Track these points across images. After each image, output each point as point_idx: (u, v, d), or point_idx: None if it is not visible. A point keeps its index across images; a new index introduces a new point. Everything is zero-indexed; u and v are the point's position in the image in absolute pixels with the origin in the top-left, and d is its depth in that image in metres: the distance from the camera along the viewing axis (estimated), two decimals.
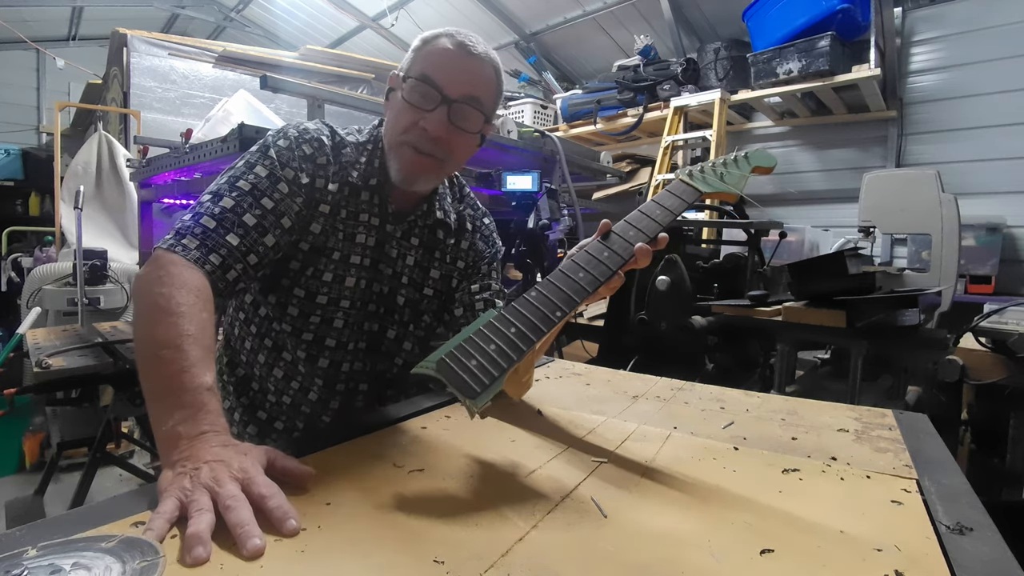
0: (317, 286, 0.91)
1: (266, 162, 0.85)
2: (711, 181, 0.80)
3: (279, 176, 0.84)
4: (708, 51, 3.83)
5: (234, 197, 0.81)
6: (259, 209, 0.82)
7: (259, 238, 0.81)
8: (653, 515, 0.56)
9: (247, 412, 1.00)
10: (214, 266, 0.76)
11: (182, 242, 0.76)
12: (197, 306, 0.68)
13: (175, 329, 0.64)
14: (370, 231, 0.94)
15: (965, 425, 1.78)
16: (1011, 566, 0.48)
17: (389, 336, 0.99)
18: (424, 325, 1.03)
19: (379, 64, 4.62)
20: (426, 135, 0.86)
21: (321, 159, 0.89)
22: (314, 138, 0.90)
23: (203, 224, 0.78)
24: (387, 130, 0.93)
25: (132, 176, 3.55)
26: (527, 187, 2.24)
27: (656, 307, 1.92)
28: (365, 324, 0.96)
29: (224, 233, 0.78)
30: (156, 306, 0.67)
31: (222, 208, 0.80)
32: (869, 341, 1.57)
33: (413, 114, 0.86)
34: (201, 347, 0.64)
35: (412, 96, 0.86)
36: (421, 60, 0.87)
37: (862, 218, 2.71)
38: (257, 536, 0.46)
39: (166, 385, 0.61)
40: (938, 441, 0.82)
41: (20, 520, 2.13)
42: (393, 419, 0.83)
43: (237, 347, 1.01)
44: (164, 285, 0.69)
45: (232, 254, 0.78)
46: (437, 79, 0.85)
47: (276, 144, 0.87)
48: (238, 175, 0.84)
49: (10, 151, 6.35)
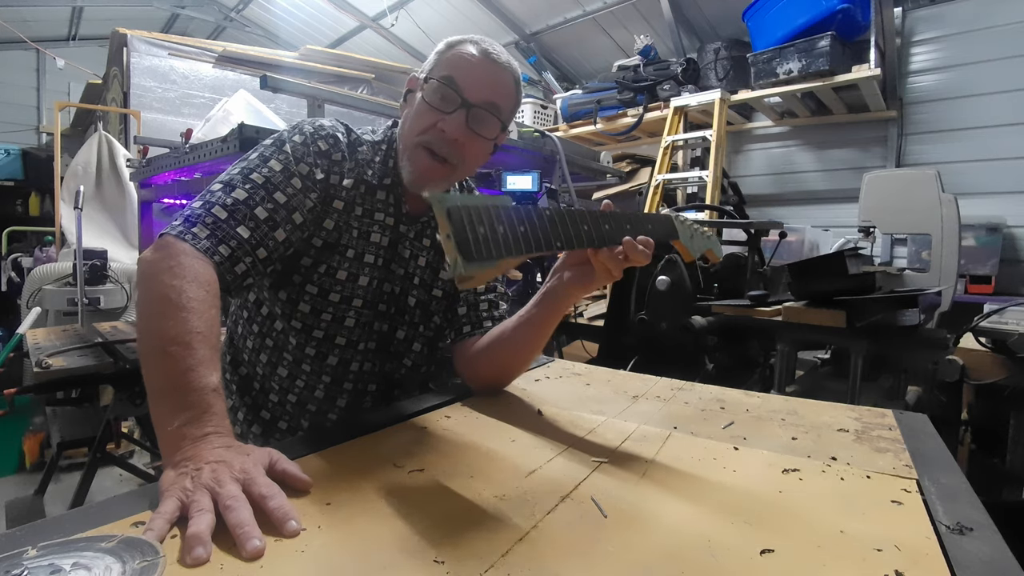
0: (331, 283, 0.90)
1: (281, 156, 0.84)
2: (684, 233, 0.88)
3: (293, 171, 0.84)
4: (708, 51, 3.83)
5: (247, 189, 0.80)
6: (271, 203, 0.81)
7: (270, 232, 0.80)
8: (653, 515, 0.56)
9: (250, 411, 1.00)
10: (223, 257, 0.75)
11: (192, 230, 0.74)
12: (207, 302, 0.67)
13: (185, 325, 0.64)
14: (384, 230, 0.94)
15: (965, 425, 1.78)
16: (1011, 566, 0.48)
17: (399, 337, 0.98)
18: (434, 326, 1.02)
19: (379, 64, 4.62)
20: (443, 137, 0.86)
21: (336, 155, 0.89)
22: (329, 134, 0.90)
23: (214, 214, 0.77)
24: (404, 131, 0.92)
25: (132, 176, 3.55)
26: (527, 187, 2.25)
27: (656, 307, 1.92)
28: (375, 324, 0.95)
29: (235, 225, 0.77)
30: (166, 299, 0.66)
31: (234, 199, 0.79)
32: (869, 341, 1.57)
33: (432, 116, 0.86)
34: (209, 346, 0.64)
35: (432, 97, 0.86)
36: (444, 63, 0.87)
37: (862, 218, 2.71)
38: (256, 537, 0.46)
39: (172, 383, 0.61)
40: (938, 441, 0.82)
41: (20, 520, 2.13)
42: (393, 419, 0.83)
43: (240, 346, 1.01)
44: (175, 277, 0.67)
45: (242, 246, 0.77)
46: (459, 82, 0.85)
47: (292, 139, 0.87)
48: (252, 167, 0.83)
49: (10, 151, 6.34)
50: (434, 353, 1.06)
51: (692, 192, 3.72)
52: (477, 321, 1.02)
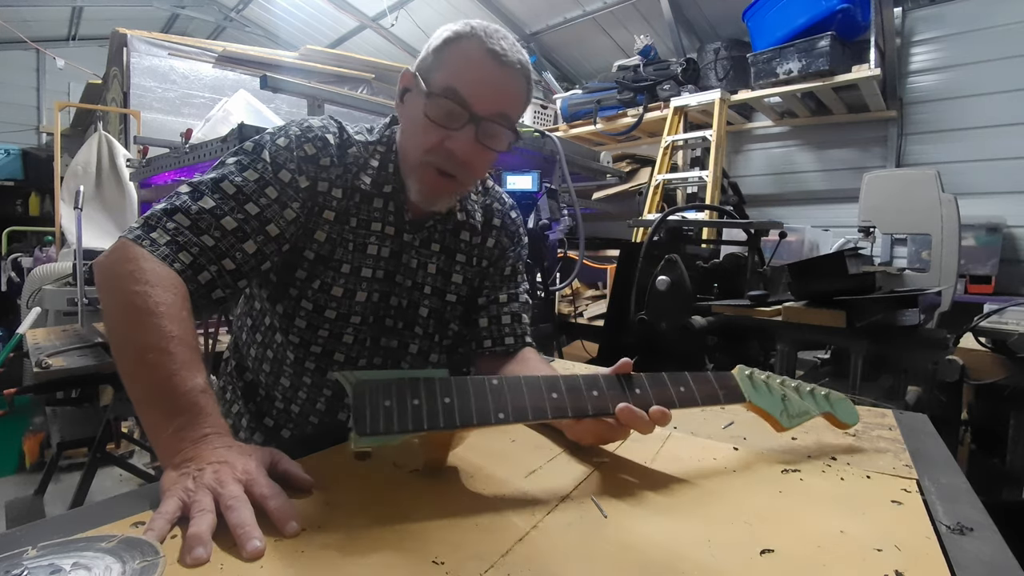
0: (326, 300, 0.85)
1: (258, 165, 0.78)
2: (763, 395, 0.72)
3: (269, 179, 0.77)
4: (708, 51, 3.83)
5: (215, 199, 0.74)
6: (241, 213, 0.75)
7: (237, 243, 0.74)
8: (653, 515, 0.56)
9: (254, 419, 0.97)
10: (184, 265, 0.70)
11: (151, 235, 0.69)
12: (176, 304, 0.64)
13: (158, 331, 0.61)
14: (384, 241, 0.87)
15: (965, 425, 1.78)
16: (1011, 566, 0.48)
17: (412, 351, 0.93)
18: (452, 334, 0.97)
19: (379, 64, 4.62)
20: (453, 157, 0.79)
21: (324, 160, 0.82)
22: (318, 137, 0.82)
23: (176, 220, 0.71)
24: (406, 143, 0.85)
25: (132, 176, 3.55)
26: (527, 187, 2.24)
27: (656, 307, 1.92)
28: (382, 340, 0.90)
29: (198, 234, 0.72)
30: (132, 306, 0.63)
31: (200, 208, 0.73)
32: (869, 341, 1.57)
33: (437, 133, 0.78)
34: (187, 347, 0.62)
35: (436, 114, 0.77)
36: (446, 68, 0.78)
37: (862, 218, 2.71)
38: (257, 538, 0.46)
39: (157, 391, 0.59)
40: (938, 441, 0.82)
41: (20, 520, 2.13)
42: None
43: (244, 352, 0.98)
44: (137, 282, 0.64)
45: (204, 254, 0.72)
46: (464, 95, 0.76)
47: (275, 143, 0.80)
48: (225, 175, 0.76)
49: (10, 151, 6.34)
50: (452, 359, 1.01)
51: (692, 192, 3.72)
52: (499, 336, 0.97)
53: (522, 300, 1.01)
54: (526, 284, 1.05)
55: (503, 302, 0.98)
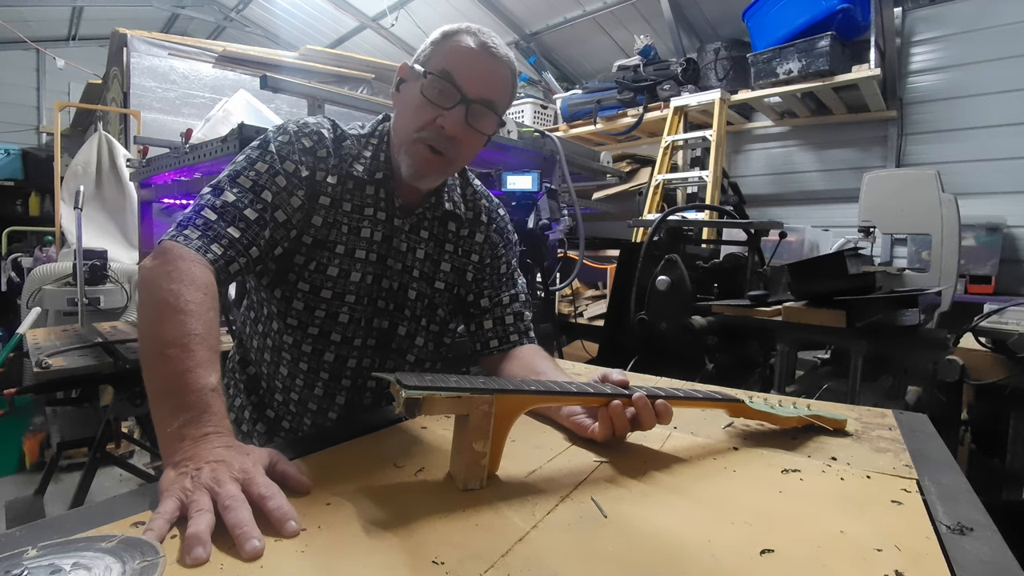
0: (321, 280, 0.91)
1: (267, 157, 0.85)
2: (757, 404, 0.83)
3: (278, 169, 0.85)
4: (708, 51, 3.83)
5: (235, 192, 0.82)
6: (260, 203, 0.82)
7: (260, 231, 0.82)
8: (653, 515, 0.56)
9: (256, 410, 1.01)
10: (216, 256, 0.76)
11: (184, 232, 0.76)
12: (205, 304, 0.68)
13: (182, 328, 0.64)
14: (376, 225, 0.93)
15: (965, 425, 1.78)
16: (1011, 566, 0.48)
17: (400, 333, 0.98)
18: (439, 320, 1.02)
19: (379, 64, 4.62)
20: (443, 133, 0.85)
21: (321, 151, 0.89)
22: (314, 131, 0.90)
23: (204, 216, 0.79)
24: (399, 125, 0.92)
25: (132, 176, 3.54)
26: (527, 187, 2.24)
27: (656, 307, 1.92)
28: (375, 320, 0.95)
29: (226, 225, 0.79)
30: (164, 302, 0.67)
31: (223, 202, 0.80)
32: (869, 341, 1.57)
33: (430, 111, 0.85)
34: (207, 347, 0.64)
35: (431, 92, 0.85)
36: (442, 56, 0.86)
37: (862, 218, 2.71)
38: (255, 537, 0.46)
39: (171, 385, 0.61)
40: (938, 441, 0.82)
41: (20, 520, 2.13)
42: (393, 419, 0.83)
43: (248, 345, 1.02)
44: (173, 281, 0.68)
45: (234, 246, 0.79)
46: (457, 77, 0.84)
47: (277, 139, 0.87)
48: (239, 170, 0.84)
49: (10, 151, 6.34)
50: (440, 349, 1.05)
51: (692, 192, 3.72)
52: (504, 336, 1.02)
53: (522, 299, 1.06)
54: (523, 279, 1.09)
55: (506, 303, 1.04)
